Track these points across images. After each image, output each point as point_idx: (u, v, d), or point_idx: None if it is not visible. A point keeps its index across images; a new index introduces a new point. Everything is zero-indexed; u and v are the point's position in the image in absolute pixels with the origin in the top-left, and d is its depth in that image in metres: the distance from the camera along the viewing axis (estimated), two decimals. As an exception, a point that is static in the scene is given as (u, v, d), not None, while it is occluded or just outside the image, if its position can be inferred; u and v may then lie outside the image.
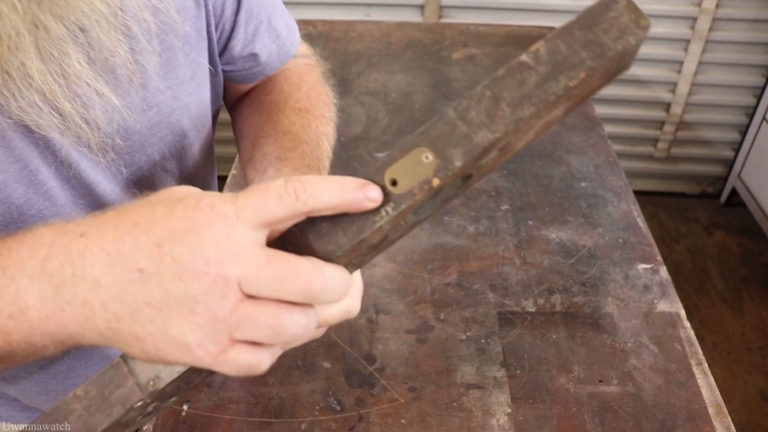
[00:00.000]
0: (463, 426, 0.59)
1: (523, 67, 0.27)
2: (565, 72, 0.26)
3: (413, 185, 0.28)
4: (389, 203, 0.28)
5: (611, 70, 0.29)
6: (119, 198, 0.47)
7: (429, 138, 0.28)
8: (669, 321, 0.71)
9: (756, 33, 1.73)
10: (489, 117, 0.27)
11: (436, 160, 0.28)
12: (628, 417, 0.60)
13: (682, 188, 2.03)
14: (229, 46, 0.55)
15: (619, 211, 0.86)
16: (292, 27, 0.61)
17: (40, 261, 0.30)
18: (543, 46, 0.27)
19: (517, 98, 0.27)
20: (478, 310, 0.71)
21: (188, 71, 0.49)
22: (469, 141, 0.27)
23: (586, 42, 0.26)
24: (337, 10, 1.72)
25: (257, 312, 0.28)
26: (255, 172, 0.50)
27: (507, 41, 1.33)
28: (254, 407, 0.60)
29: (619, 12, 0.26)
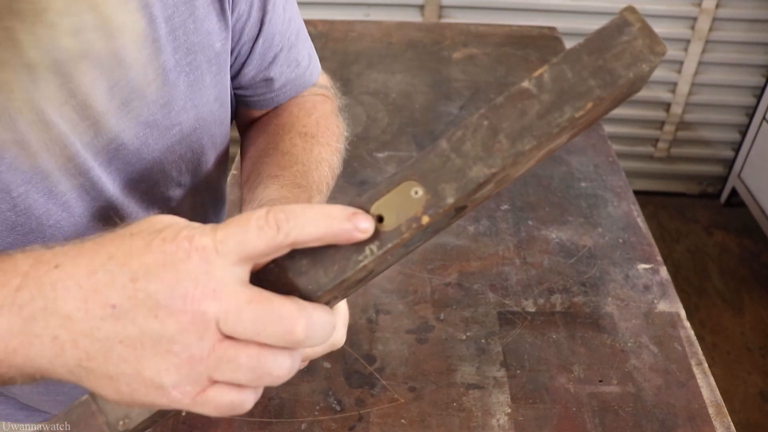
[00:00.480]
0: (463, 426, 0.59)
1: (524, 94, 0.24)
2: (571, 102, 0.24)
3: (401, 222, 0.25)
4: (375, 241, 0.26)
5: (621, 96, 0.27)
6: (134, 211, 0.48)
7: (419, 171, 0.25)
8: (669, 321, 0.71)
9: (756, 33, 1.73)
10: (485, 150, 0.25)
11: (426, 196, 0.25)
12: (628, 417, 0.60)
13: (682, 188, 2.03)
14: (242, 72, 0.54)
15: (619, 211, 0.86)
16: (314, 57, 0.60)
17: (12, 291, 0.29)
18: (547, 71, 0.24)
19: (517, 130, 0.24)
20: (478, 310, 0.71)
21: (213, 91, 0.49)
22: (462, 176, 0.25)
23: (595, 69, 0.23)
24: (337, 10, 1.72)
25: (238, 353, 0.26)
26: (248, 190, 0.49)
27: (507, 41, 1.33)
28: (254, 407, 0.60)
29: (632, 36, 0.23)
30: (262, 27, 0.51)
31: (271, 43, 0.53)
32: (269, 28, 0.52)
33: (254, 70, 0.54)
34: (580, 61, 0.24)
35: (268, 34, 0.52)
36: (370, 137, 1.00)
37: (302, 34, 0.57)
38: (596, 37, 0.24)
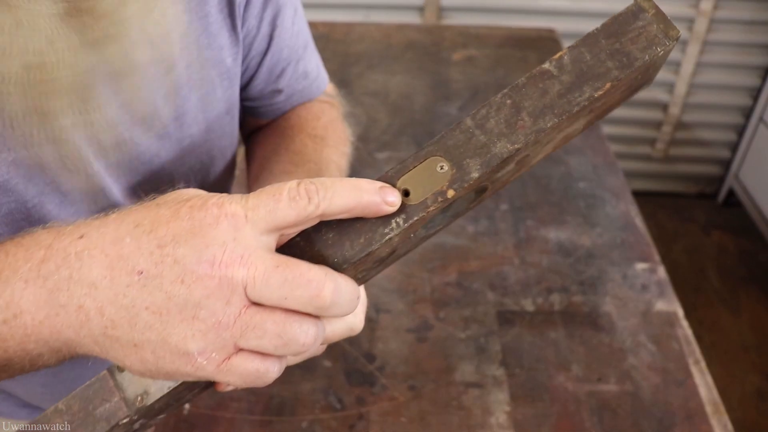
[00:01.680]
0: (463, 424, 0.60)
1: (545, 75, 0.25)
2: (590, 82, 0.25)
3: (427, 196, 0.26)
4: (401, 214, 0.26)
5: (636, 82, 0.27)
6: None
7: (445, 147, 0.26)
8: (667, 320, 0.71)
9: (753, 35, 1.74)
10: (509, 127, 0.25)
11: (452, 171, 0.26)
12: (626, 415, 0.61)
13: (680, 188, 2.04)
14: (251, 85, 0.54)
15: (617, 211, 0.87)
16: (321, 68, 0.60)
17: (36, 263, 0.29)
18: (567, 54, 0.25)
19: (539, 108, 0.25)
20: (477, 309, 0.72)
21: (224, 105, 0.49)
22: (487, 151, 0.25)
23: (612, 51, 0.25)
24: (338, 11, 1.72)
25: (264, 319, 0.26)
26: (258, 187, 0.50)
27: (506, 43, 1.33)
28: (255, 405, 0.61)
29: (647, 21, 0.25)
30: (271, 41, 0.52)
31: (279, 57, 0.53)
32: (278, 42, 0.52)
33: (263, 82, 0.54)
34: (598, 44, 0.25)
35: (277, 48, 0.52)
36: (370, 138, 1.01)
37: (310, 46, 0.58)
38: (613, 22, 0.25)
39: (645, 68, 0.26)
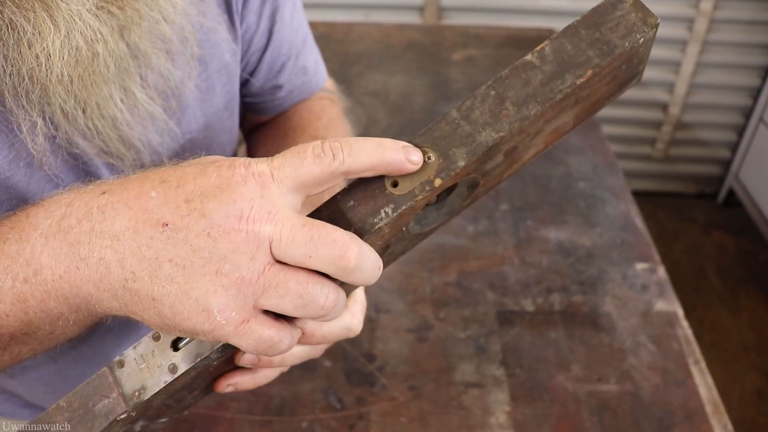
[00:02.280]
0: (463, 424, 0.60)
1: (528, 66, 0.26)
2: (572, 70, 0.25)
3: (414, 186, 0.27)
4: (389, 204, 0.27)
5: (621, 74, 0.28)
6: None
7: (431, 138, 0.27)
8: (667, 320, 0.71)
9: (753, 35, 1.74)
10: (493, 116, 0.26)
11: (438, 160, 0.26)
12: (626, 415, 0.61)
13: (680, 188, 2.04)
14: (251, 81, 0.54)
15: (617, 211, 0.87)
16: (320, 63, 0.60)
17: (57, 219, 0.29)
18: (548, 45, 0.26)
19: (522, 97, 0.26)
20: (477, 309, 0.72)
21: (223, 100, 0.49)
22: (472, 140, 0.26)
23: (592, 40, 0.26)
24: (338, 11, 1.72)
25: (288, 278, 0.26)
26: None
27: (506, 43, 1.33)
28: (255, 405, 0.61)
29: (625, 11, 0.25)
30: (271, 37, 0.52)
31: (279, 52, 0.53)
32: (278, 37, 0.53)
33: (263, 78, 0.54)
34: (578, 34, 0.26)
35: (276, 44, 0.53)
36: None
37: (309, 41, 0.58)
38: (592, 13, 0.26)
39: (627, 56, 0.26)
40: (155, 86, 0.41)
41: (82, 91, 0.36)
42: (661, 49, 1.78)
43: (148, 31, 0.38)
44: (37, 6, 0.33)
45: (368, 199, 0.27)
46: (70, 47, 0.34)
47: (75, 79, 0.35)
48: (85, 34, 0.34)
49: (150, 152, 0.43)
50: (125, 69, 0.38)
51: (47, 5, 0.33)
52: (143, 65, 0.40)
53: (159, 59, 0.40)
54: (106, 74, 0.36)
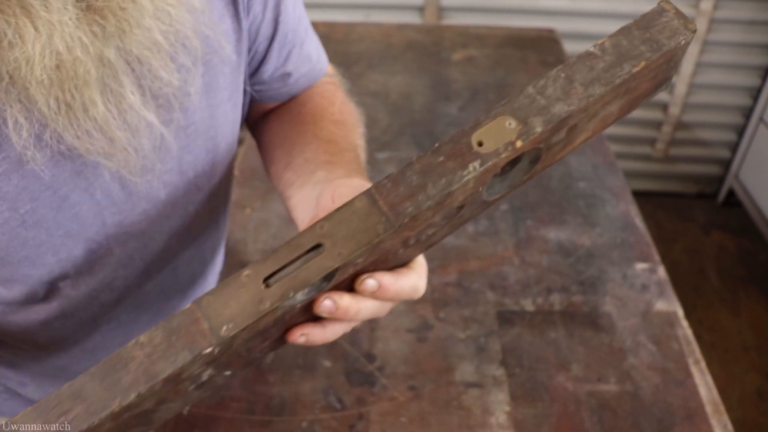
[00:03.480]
0: (463, 424, 0.60)
1: (591, 56, 0.31)
2: (628, 61, 0.31)
3: (498, 146, 0.30)
4: (476, 160, 0.30)
5: (660, 73, 0.33)
6: (151, 217, 0.48)
7: (511, 108, 0.31)
8: (667, 320, 0.71)
9: (753, 35, 1.74)
10: (564, 93, 0.31)
11: (519, 126, 0.30)
12: (626, 415, 0.61)
13: (680, 188, 2.04)
14: (261, 70, 0.55)
15: (617, 211, 0.87)
16: (321, 50, 0.62)
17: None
18: (608, 40, 0.31)
19: (588, 79, 0.31)
20: (477, 309, 0.72)
21: (227, 92, 0.49)
22: (547, 111, 0.30)
23: (644, 39, 0.31)
24: (338, 11, 1.72)
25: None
26: (297, 176, 0.50)
27: (506, 43, 1.33)
28: (255, 405, 0.61)
29: (670, 17, 0.31)
30: (277, 26, 0.53)
31: (285, 41, 0.55)
32: (283, 27, 0.54)
33: (272, 67, 0.55)
34: (631, 34, 0.31)
35: (282, 32, 0.54)
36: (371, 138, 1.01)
37: (310, 30, 0.59)
38: (642, 18, 0.32)
39: (670, 55, 0.32)
40: (152, 90, 0.42)
41: (66, 94, 0.37)
42: (661, 49, 1.78)
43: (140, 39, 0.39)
44: (18, 12, 0.33)
45: (457, 155, 0.30)
46: (51, 52, 0.35)
47: (56, 82, 0.36)
48: (65, 40, 0.35)
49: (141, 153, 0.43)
50: (112, 74, 0.38)
51: (28, 12, 0.34)
52: (137, 71, 0.40)
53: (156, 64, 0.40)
54: (89, 79, 0.37)
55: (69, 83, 0.36)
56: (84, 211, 0.43)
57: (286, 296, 0.30)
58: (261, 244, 0.81)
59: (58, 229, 0.43)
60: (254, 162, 0.95)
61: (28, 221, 0.41)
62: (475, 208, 0.35)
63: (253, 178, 0.92)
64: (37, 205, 0.41)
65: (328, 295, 0.32)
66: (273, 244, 0.81)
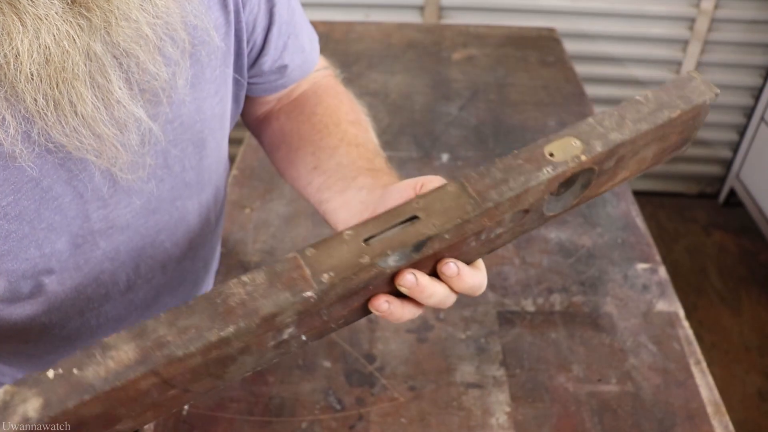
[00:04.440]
0: (463, 425, 0.60)
1: (638, 102, 0.39)
2: (667, 108, 0.39)
3: (567, 158, 0.36)
4: (549, 165, 0.36)
5: (686, 128, 0.41)
6: (136, 210, 0.48)
7: (576, 131, 0.37)
8: (668, 320, 0.71)
9: (754, 34, 1.74)
10: (618, 126, 0.38)
11: (582, 145, 0.37)
12: (626, 416, 0.61)
13: (681, 188, 2.03)
14: (259, 61, 0.55)
15: (618, 211, 0.86)
16: (314, 40, 0.62)
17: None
18: (651, 93, 0.39)
19: (637, 118, 0.38)
20: (477, 309, 0.72)
21: (213, 86, 0.49)
22: (605, 137, 0.37)
23: (679, 95, 0.39)
24: (337, 11, 1.72)
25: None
26: (334, 180, 0.52)
27: (506, 42, 1.33)
28: (255, 406, 0.61)
29: (698, 83, 0.40)
30: (272, 17, 0.53)
31: (281, 31, 0.55)
32: (278, 18, 0.54)
33: (271, 59, 0.55)
34: (669, 91, 0.40)
35: (277, 24, 0.54)
36: (370, 138, 1.01)
37: (303, 20, 0.60)
38: (675, 81, 0.40)
39: (697, 111, 0.39)
40: (140, 84, 0.41)
41: (54, 90, 0.36)
42: (662, 48, 1.78)
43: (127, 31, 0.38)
44: (5, 7, 0.33)
45: (533, 160, 0.36)
46: (39, 46, 0.35)
47: (44, 78, 0.36)
48: (53, 34, 0.35)
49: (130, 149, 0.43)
50: (99, 69, 0.38)
51: (15, 8, 0.34)
52: (125, 64, 0.40)
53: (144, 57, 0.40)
54: (77, 73, 0.37)
55: (57, 78, 0.36)
56: (67, 203, 0.43)
57: (384, 254, 0.33)
58: (261, 244, 0.80)
59: (41, 222, 0.42)
60: (254, 162, 0.95)
61: (9, 214, 0.40)
62: (535, 219, 0.39)
63: (253, 178, 0.92)
64: (19, 197, 0.40)
65: (411, 270, 0.34)
66: (273, 244, 0.80)
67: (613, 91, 1.84)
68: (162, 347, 0.28)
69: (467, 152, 0.99)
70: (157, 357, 0.28)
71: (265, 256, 0.79)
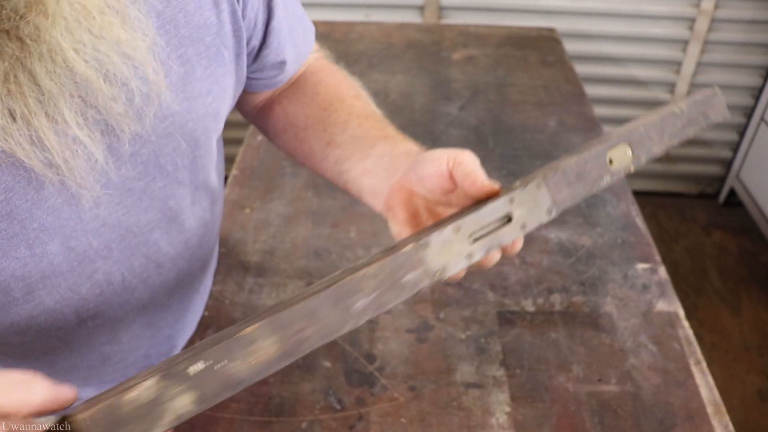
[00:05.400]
0: (463, 425, 0.60)
1: (676, 115, 0.45)
2: (692, 126, 0.46)
3: (621, 168, 0.43)
4: (608, 174, 0.42)
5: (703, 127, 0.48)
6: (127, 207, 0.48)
7: (629, 139, 0.43)
8: (668, 320, 0.71)
9: (754, 34, 1.74)
10: (659, 139, 0.44)
11: (633, 156, 0.43)
12: (626, 416, 0.61)
13: (681, 188, 2.03)
14: (260, 56, 0.56)
15: (618, 211, 0.86)
16: (311, 29, 0.62)
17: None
18: (685, 106, 0.45)
19: (672, 132, 0.45)
20: (477, 309, 0.72)
21: (205, 84, 0.49)
22: (649, 150, 0.44)
23: (702, 111, 0.46)
24: (338, 11, 1.72)
25: None
26: (351, 151, 0.54)
27: (506, 42, 1.33)
28: (255, 406, 0.61)
29: (719, 101, 0.47)
30: (271, 11, 0.54)
31: (280, 26, 0.55)
32: (277, 12, 0.54)
33: (272, 53, 0.56)
34: (697, 106, 0.46)
35: (277, 18, 0.55)
36: (370, 137, 1.01)
37: (300, 11, 0.60)
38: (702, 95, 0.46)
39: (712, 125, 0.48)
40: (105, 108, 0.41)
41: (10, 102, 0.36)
42: (662, 48, 1.78)
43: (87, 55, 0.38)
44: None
45: (599, 167, 0.42)
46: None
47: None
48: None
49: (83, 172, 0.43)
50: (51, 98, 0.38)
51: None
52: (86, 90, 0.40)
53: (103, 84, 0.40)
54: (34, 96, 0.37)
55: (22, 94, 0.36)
56: (59, 205, 0.43)
57: (483, 252, 0.39)
58: (261, 244, 0.80)
59: (33, 222, 0.42)
60: (254, 162, 0.95)
61: (1, 212, 0.40)
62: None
63: (253, 178, 0.92)
64: (11, 196, 0.40)
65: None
66: (273, 244, 0.80)
67: (613, 91, 1.84)
68: (302, 343, 0.32)
69: (467, 152, 0.99)
70: (298, 351, 0.32)
71: (265, 256, 0.79)
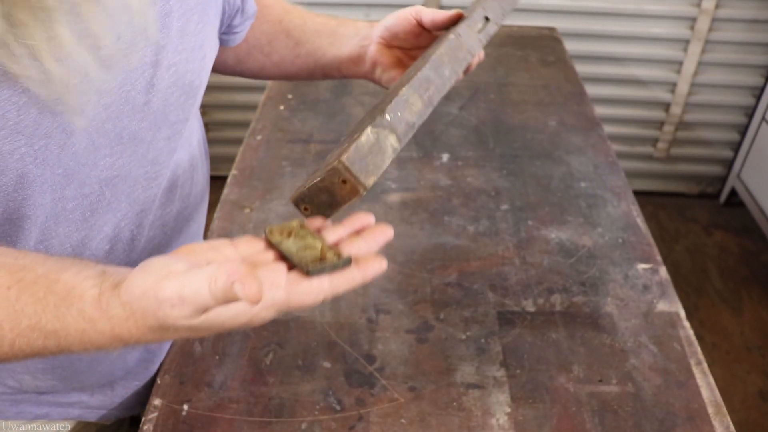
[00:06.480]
0: (463, 425, 0.59)
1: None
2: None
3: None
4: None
5: None
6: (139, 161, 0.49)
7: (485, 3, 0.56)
8: (668, 321, 0.71)
9: (755, 33, 1.73)
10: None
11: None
12: (627, 416, 0.61)
13: (682, 188, 2.03)
14: (244, 9, 0.63)
15: (619, 211, 0.86)
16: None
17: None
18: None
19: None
20: (477, 309, 0.71)
21: (197, 39, 0.51)
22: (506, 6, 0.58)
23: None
24: (338, 10, 1.72)
25: None
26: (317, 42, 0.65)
27: (506, 41, 1.33)
28: (254, 407, 0.60)
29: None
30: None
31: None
32: None
33: (248, 4, 0.63)
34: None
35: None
36: (370, 137, 1.00)
37: None
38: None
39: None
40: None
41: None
42: (664, 48, 1.78)
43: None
44: None
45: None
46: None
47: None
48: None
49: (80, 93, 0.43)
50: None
51: None
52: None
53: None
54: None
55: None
56: (81, 151, 0.44)
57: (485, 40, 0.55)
58: (260, 244, 0.80)
59: (59, 168, 0.43)
60: (254, 162, 0.95)
61: (38, 158, 0.41)
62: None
63: (253, 178, 0.92)
64: (49, 142, 0.41)
65: None
66: (272, 244, 0.80)
67: (614, 91, 1.84)
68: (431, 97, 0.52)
69: (467, 152, 0.98)
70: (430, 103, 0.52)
71: (265, 256, 0.78)
